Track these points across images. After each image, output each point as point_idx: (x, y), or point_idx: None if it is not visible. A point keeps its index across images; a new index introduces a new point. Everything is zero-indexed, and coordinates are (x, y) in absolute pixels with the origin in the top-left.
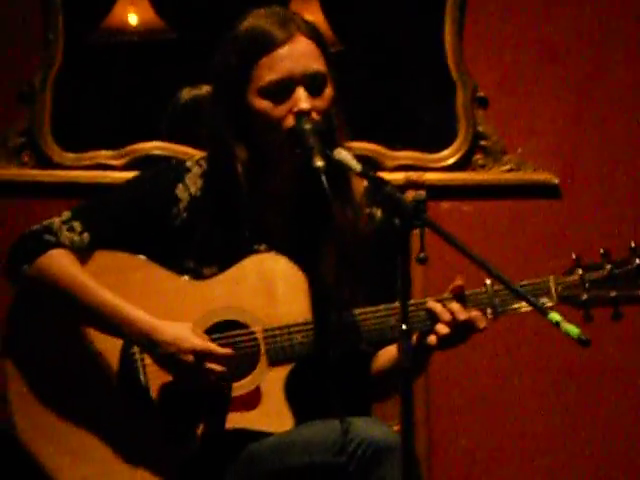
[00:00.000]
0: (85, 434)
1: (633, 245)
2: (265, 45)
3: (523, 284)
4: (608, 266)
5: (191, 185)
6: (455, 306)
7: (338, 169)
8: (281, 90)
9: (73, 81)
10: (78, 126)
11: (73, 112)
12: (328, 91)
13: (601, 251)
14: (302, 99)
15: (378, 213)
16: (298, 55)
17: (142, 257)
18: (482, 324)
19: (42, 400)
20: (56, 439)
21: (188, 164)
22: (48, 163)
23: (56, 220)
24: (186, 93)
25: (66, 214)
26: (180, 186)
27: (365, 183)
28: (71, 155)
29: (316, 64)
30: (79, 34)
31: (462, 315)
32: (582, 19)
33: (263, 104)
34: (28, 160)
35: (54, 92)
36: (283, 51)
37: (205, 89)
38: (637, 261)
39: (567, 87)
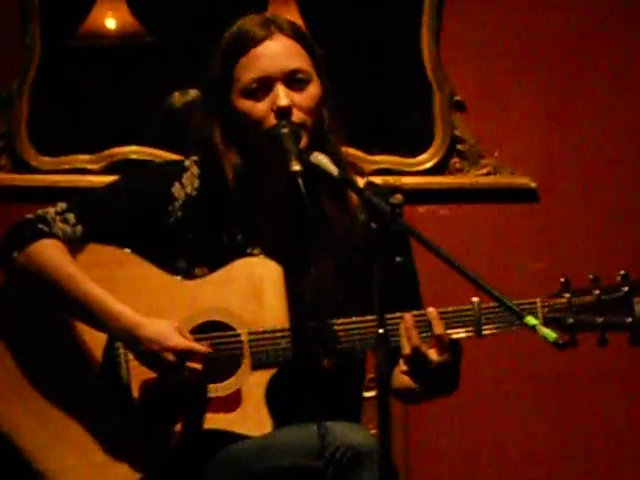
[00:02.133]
0: (67, 424)
1: (623, 272)
2: (243, 45)
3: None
4: (596, 292)
5: (188, 184)
6: (413, 332)
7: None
8: (260, 88)
9: (50, 85)
10: (55, 130)
11: (50, 116)
12: (312, 89)
13: (590, 277)
14: (280, 96)
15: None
16: (275, 53)
17: (133, 253)
18: (434, 358)
19: (24, 387)
20: (36, 427)
21: (186, 163)
22: (25, 167)
23: (51, 210)
24: (177, 99)
25: (61, 205)
26: (177, 185)
27: (361, 186)
28: (48, 159)
29: (296, 61)
30: (56, 38)
31: (416, 340)
32: (559, 24)
33: (244, 104)
34: (5, 164)
35: (31, 96)
36: (260, 49)
37: (192, 94)
38: (626, 289)
39: (544, 91)
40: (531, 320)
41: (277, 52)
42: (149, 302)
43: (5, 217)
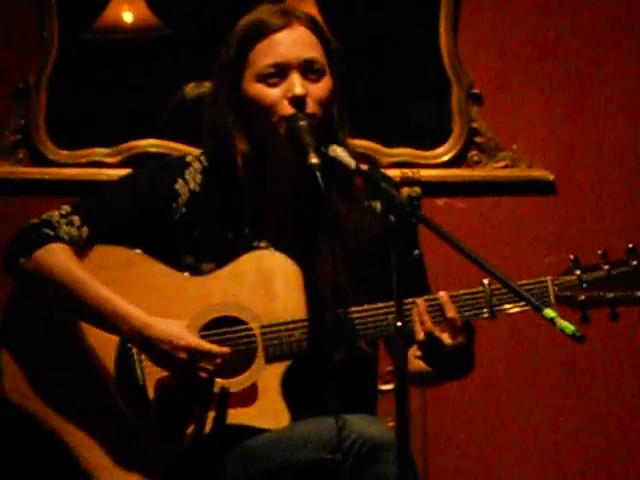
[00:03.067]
0: (81, 428)
1: (631, 246)
2: (261, 31)
3: (520, 284)
4: (606, 267)
5: (191, 180)
6: (426, 317)
7: (336, 166)
8: (276, 74)
9: (68, 79)
10: (73, 124)
11: (68, 110)
12: (326, 81)
13: (599, 252)
14: (296, 84)
15: (378, 205)
16: (294, 41)
17: (140, 252)
18: (448, 342)
19: (38, 394)
20: (52, 432)
21: (188, 159)
22: (43, 161)
23: (55, 213)
24: (189, 90)
25: (65, 208)
26: (180, 181)
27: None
28: (66, 153)
29: (313, 52)
30: (74, 32)
31: (429, 325)
32: (576, 16)
33: (258, 89)
34: (23, 157)
35: (49, 90)
36: (279, 36)
37: (207, 85)
38: (634, 262)
39: (562, 84)
40: (549, 312)
41: (295, 40)
42: (159, 301)
43: (23, 210)
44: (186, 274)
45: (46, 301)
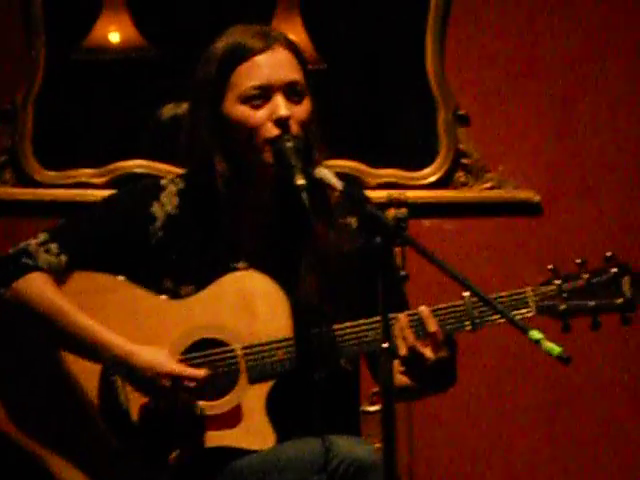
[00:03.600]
0: (65, 455)
1: (609, 254)
2: (244, 53)
3: (501, 295)
4: (585, 276)
5: (167, 203)
6: (408, 332)
7: (316, 186)
8: (259, 96)
9: (55, 99)
10: (60, 144)
11: (55, 130)
12: (306, 103)
13: (577, 261)
14: (281, 106)
15: (353, 222)
16: (277, 63)
17: (120, 277)
18: (430, 356)
19: (21, 424)
20: (36, 460)
21: (163, 182)
22: (29, 181)
23: (33, 242)
24: (167, 111)
25: (42, 236)
26: (155, 204)
27: (337, 193)
28: (52, 173)
29: (295, 74)
30: (61, 52)
31: (411, 340)
32: (562, 37)
33: (242, 111)
34: (9, 178)
35: (36, 110)
36: (262, 58)
37: (185, 107)
38: (613, 270)
39: (548, 105)
40: (535, 334)
41: (278, 62)
42: (140, 326)
43: (10, 231)
44: (166, 298)
45: (27, 328)
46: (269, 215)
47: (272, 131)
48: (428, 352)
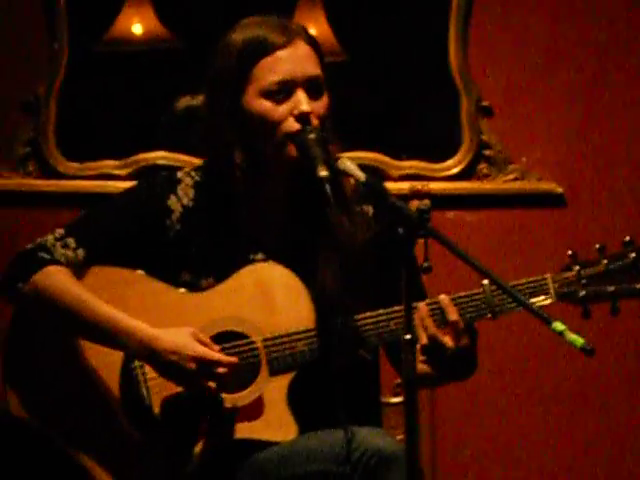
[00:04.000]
0: (88, 452)
1: (628, 239)
2: (265, 47)
3: (521, 282)
4: (604, 261)
5: (183, 196)
6: (429, 321)
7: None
8: (282, 91)
9: (78, 91)
10: (83, 136)
11: (78, 122)
12: (325, 98)
13: (597, 246)
14: (303, 101)
15: (370, 210)
16: (299, 58)
17: (138, 271)
18: (451, 345)
19: (43, 419)
20: (61, 456)
21: (179, 175)
22: (53, 173)
23: (50, 237)
24: (181, 103)
25: (59, 231)
26: (172, 197)
27: (352, 181)
28: (75, 165)
29: (316, 69)
30: (84, 44)
31: (432, 329)
32: (586, 28)
33: (263, 105)
34: (33, 170)
35: (59, 102)
36: (284, 53)
37: (200, 99)
38: (632, 255)
39: (571, 96)
40: (559, 326)
41: (300, 57)
42: (159, 319)
43: (33, 222)
44: (185, 291)
45: (48, 322)
46: (286, 206)
47: (293, 126)
48: (449, 341)
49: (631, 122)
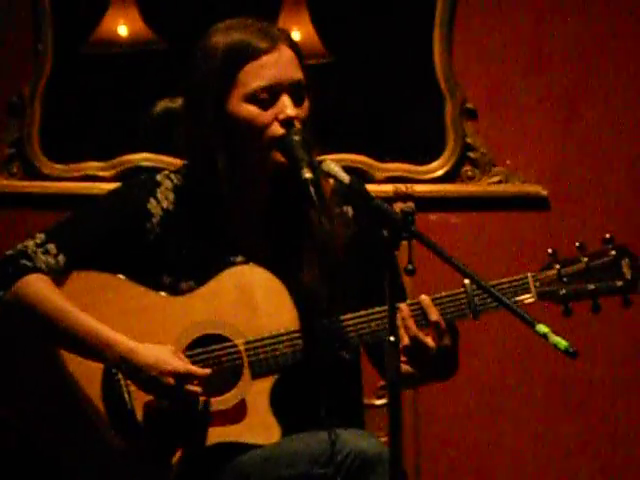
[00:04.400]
0: (71, 458)
1: (608, 236)
2: (251, 52)
3: (502, 282)
4: (584, 259)
5: (163, 199)
6: (410, 322)
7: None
8: (267, 96)
9: (63, 92)
10: (67, 137)
11: (62, 123)
12: (307, 102)
13: (577, 244)
14: (289, 106)
15: (349, 211)
16: (284, 63)
17: (119, 276)
18: (432, 345)
19: (26, 426)
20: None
21: (158, 178)
22: (37, 174)
23: (30, 243)
24: (159, 106)
25: (40, 236)
26: (152, 201)
27: (332, 182)
28: (60, 166)
29: (299, 73)
30: (69, 45)
31: (413, 330)
32: (570, 32)
33: (249, 110)
34: (17, 171)
35: (43, 103)
36: (269, 58)
37: (180, 103)
38: (612, 252)
39: (556, 99)
40: (542, 328)
41: (285, 62)
42: (140, 323)
43: (16, 224)
44: (166, 294)
45: (29, 332)
46: (267, 208)
47: (279, 130)
48: (430, 341)
49: (616, 125)
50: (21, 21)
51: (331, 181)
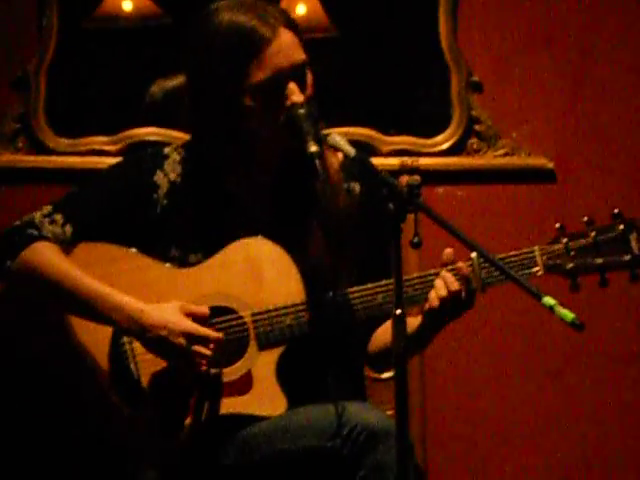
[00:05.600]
0: (78, 427)
1: (616, 211)
2: (254, 44)
3: (510, 255)
4: (592, 233)
5: (170, 172)
6: (448, 275)
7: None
8: (273, 86)
9: (68, 67)
10: (72, 112)
11: (68, 98)
12: (310, 77)
13: (585, 219)
14: (295, 93)
15: (356, 187)
16: (285, 49)
17: (126, 247)
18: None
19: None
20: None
21: (166, 151)
22: (43, 149)
23: (37, 214)
24: (157, 86)
25: (47, 208)
26: (159, 173)
27: (340, 158)
28: (66, 141)
29: (301, 54)
30: (73, 20)
31: (454, 285)
32: (576, 3)
33: (255, 102)
34: (23, 146)
35: (49, 78)
36: (272, 49)
37: (178, 80)
38: (621, 227)
39: (561, 71)
40: (549, 300)
41: (286, 47)
42: (148, 295)
43: (22, 198)
44: (173, 266)
45: (37, 299)
46: (274, 182)
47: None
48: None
49: (621, 97)
50: None
51: (340, 156)
